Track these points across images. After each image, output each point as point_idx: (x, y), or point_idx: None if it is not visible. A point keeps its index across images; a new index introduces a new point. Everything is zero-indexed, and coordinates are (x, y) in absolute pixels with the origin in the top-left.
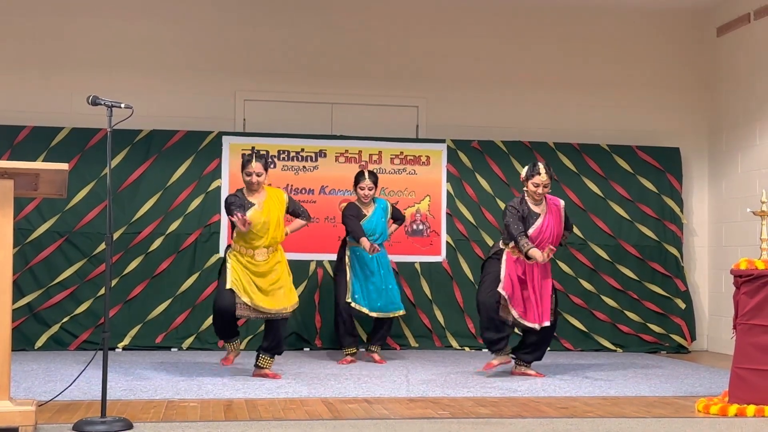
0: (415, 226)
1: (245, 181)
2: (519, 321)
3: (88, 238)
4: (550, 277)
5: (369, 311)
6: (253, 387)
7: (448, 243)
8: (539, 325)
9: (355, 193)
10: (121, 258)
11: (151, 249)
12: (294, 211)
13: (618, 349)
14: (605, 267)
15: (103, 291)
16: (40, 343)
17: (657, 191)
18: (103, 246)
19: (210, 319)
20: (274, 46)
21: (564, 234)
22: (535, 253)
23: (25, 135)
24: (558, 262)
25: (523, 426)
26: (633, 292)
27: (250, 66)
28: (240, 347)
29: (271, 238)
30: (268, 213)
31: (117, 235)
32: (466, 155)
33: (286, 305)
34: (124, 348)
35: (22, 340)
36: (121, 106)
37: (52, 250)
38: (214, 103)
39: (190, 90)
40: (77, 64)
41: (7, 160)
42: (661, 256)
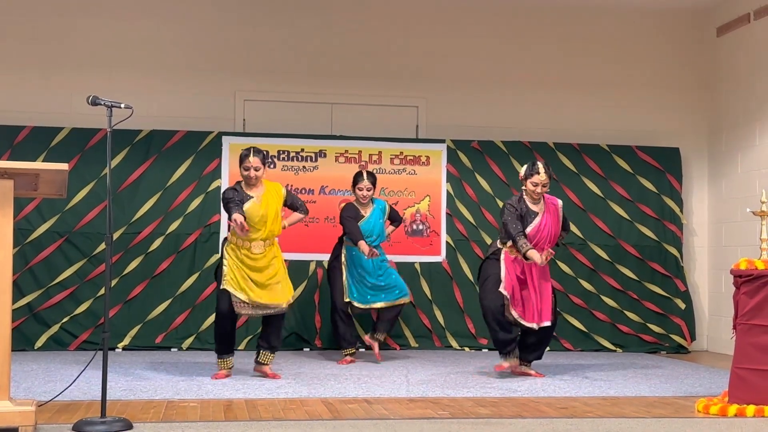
0: (415, 227)
1: (243, 175)
2: (518, 321)
3: (88, 238)
4: (549, 276)
5: (371, 305)
6: (253, 387)
7: (447, 243)
8: (537, 325)
9: (354, 194)
10: (121, 258)
11: (151, 249)
12: (292, 204)
13: (618, 349)
14: (605, 267)
15: (103, 291)
16: (40, 343)
17: (657, 191)
18: (103, 246)
19: (210, 319)
20: (274, 46)
21: (561, 234)
22: (534, 255)
23: (25, 135)
24: (558, 262)
25: (523, 426)
26: (633, 292)
27: (250, 66)
28: (232, 366)
29: (269, 231)
30: (266, 206)
31: (117, 235)
32: (466, 155)
33: (283, 300)
34: (124, 348)
35: (22, 340)
36: (121, 106)
37: (52, 250)
38: (214, 103)
39: (190, 90)
40: (77, 64)
41: (7, 160)
42: (660, 256)
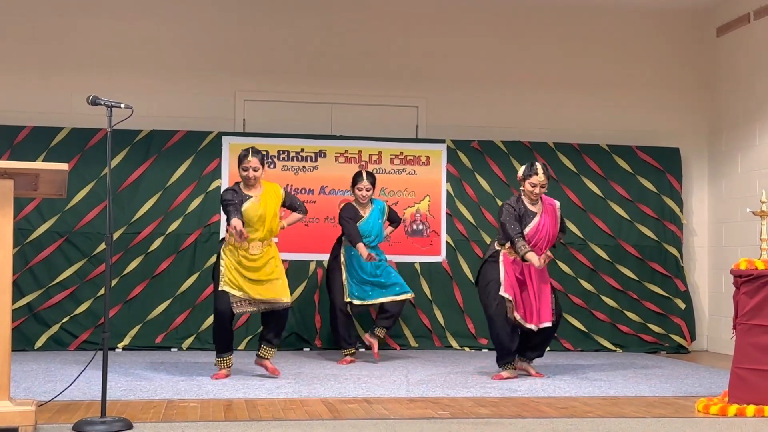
0: (414, 227)
1: (242, 176)
2: (520, 323)
3: (88, 238)
4: (548, 277)
5: (372, 300)
6: (253, 387)
7: (447, 243)
8: (537, 327)
9: (353, 194)
10: (121, 258)
11: (150, 249)
12: (291, 204)
13: (618, 349)
14: (605, 267)
15: (103, 291)
16: (40, 343)
17: (657, 191)
18: (103, 246)
19: (210, 319)
20: (274, 46)
21: (558, 236)
22: (532, 258)
23: (25, 135)
24: (558, 262)
25: (523, 426)
26: (633, 292)
27: (250, 66)
28: (231, 365)
29: (267, 231)
30: (264, 206)
31: (117, 235)
32: (466, 155)
33: (284, 296)
34: (124, 348)
35: (22, 340)
36: (121, 106)
37: (52, 250)
38: (214, 103)
39: (190, 90)
40: (77, 64)
41: (7, 160)
42: (660, 256)
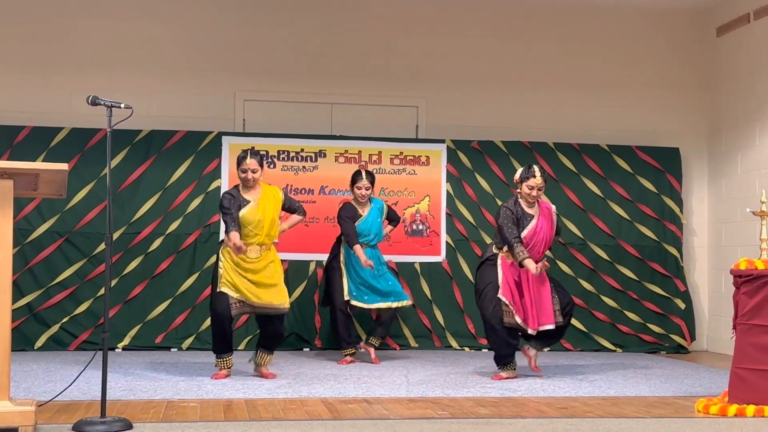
0: (414, 227)
1: (241, 178)
2: (521, 327)
3: (87, 238)
4: (546, 279)
5: (368, 305)
6: (253, 387)
7: (447, 243)
8: (536, 331)
9: (352, 193)
10: (121, 258)
11: (150, 249)
12: (290, 207)
13: (618, 349)
14: (605, 267)
15: (102, 291)
16: (39, 343)
17: (657, 191)
18: (102, 246)
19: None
20: (274, 46)
21: (554, 239)
22: (529, 265)
23: (25, 135)
24: (558, 262)
25: (523, 426)
26: (633, 292)
27: (250, 66)
28: (231, 365)
29: (265, 236)
30: (263, 210)
31: (117, 235)
32: (466, 155)
33: (282, 301)
34: (124, 348)
35: (22, 341)
36: (121, 106)
37: (51, 250)
38: (214, 103)
39: (190, 90)
40: (77, 64)
41: (7, 160)
42: (660, 257)
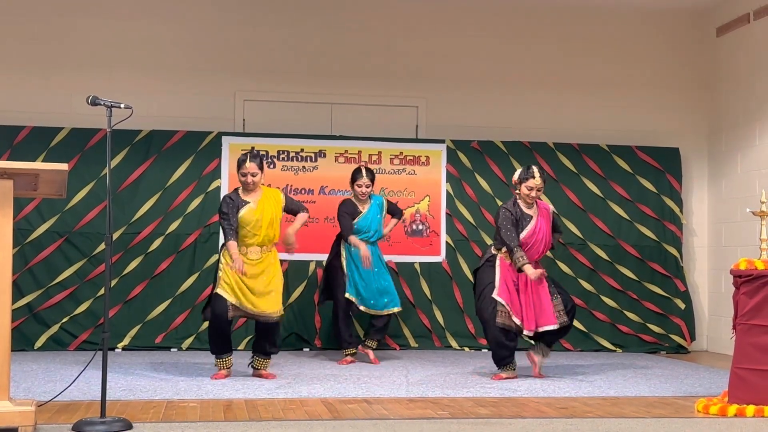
0: (414, 227)
1: (240, 181)
2: (518, 328)
3: (87, 238)
4: (544, 280)
5: (363, 308)
6: (253, 387)
7: (447, 243)
8: (532, 332)
9: (352, 191)
10: (121, 258)
11: (150, 249)
12: (291, 208)
13: (618, 349)
14: (605, 267)
15: (102, 291)
16: (39, 343)
17: (656, 191)
18: (102, 246)
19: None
20: (274, 46)
21: (555, 236)
22: (528, 270)
23: (25, 135)
24: (558, 262)
25: (523, 426)
26: (632, 293)
27: (250, 66)
28: (231, 365)
29: (264, 236)
30: (261, 211)
31: (117, 235)
32: (466, 155)
33: (273, 309)
34: (124, 348)
35: (22, 341)
36: (121, 106)
37: (51, 251)
38: (213, 103)
39: (190, 90)
40: (77, 64)
41: (6, 160)
42: (660, 257)
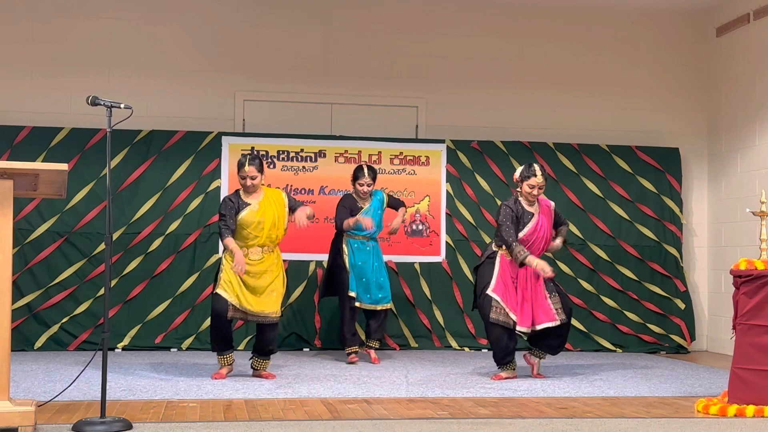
0: (414, 227)
1: (240, 183)
2: (513, 324)
3: (87, 239)
4: (542, 277)
5: (358, 303)
6: (253, 387)
7: (447, 243)
8: (528, 329)
9: (354, 189)
10: (121, 258)
11: (150, 249)
12: (294, 207)
13: (618, 349)
14: (605, 267)
15: (102, 291)
16: (39, 343)
17: (656, 191)
18: (102, 246)
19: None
20: (274, 46)
21: (562, 229)
22: (532, 262)
23: (25, 135)
24: (558, 262)
25: (523, 426)
26: (632, 293)
27: (250, 66)
28: (232, 362)
29: (266, 238)
30: (263, 213)
31: (116, 235)
32: (466, 155)
33: (272, 310)
34: (124, 348)
35: (22, 341)
36: (121, 106)
37: (51, 251)
38: (213, 103)
39: (190, 90)
40: (77, 65)
41: (6, 160)
42: (660, 257)
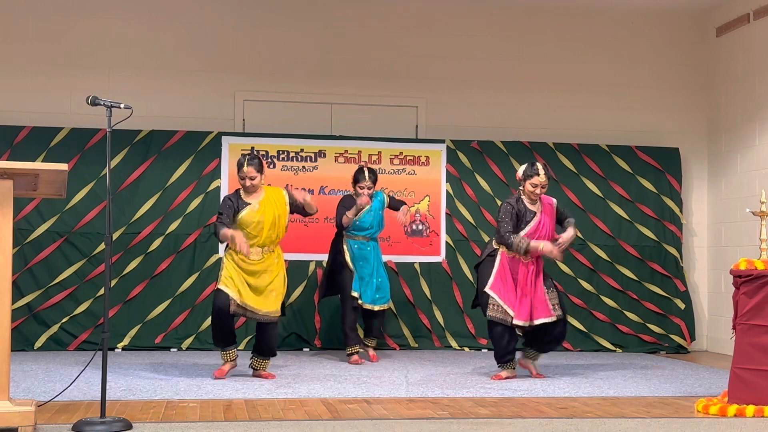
0: (414, 227)
1: (240, 183)
2: (510, 319)
3: (87, 239)
4: (541, 272)
5: (363, 303)
6: (253, 387)
7: (447, 243)
8: (526, 324)
9: (354, 191)
10: (121, 258)
11: (150, 249)
12: (295, 203)
13: (617, 349)
14: (605, 267)
15: (102, 291)
16: (39, 343)
17: (656, 191)
18: (102, 246)
19: (209, 320)
20: (274, 46)
21: (569, 221)
22: (537, 246)
23: (25, 135)
24: (558, 261)
25: (523, 426)
26: (632, 293)
27: (250, 66)
28: (235, 357)
29: (266, 238)
30: (263, 213)
31: (116, 235)
32: (466, 155)
33: (272, 309)
34: (124, 348)
35: (22, 341)
36: (121, 106)
37: (51, 251)
38: (213, 103)
39: (190, 90)
40: (77, 65)
41: (6, 160)
42: (660, 257)
